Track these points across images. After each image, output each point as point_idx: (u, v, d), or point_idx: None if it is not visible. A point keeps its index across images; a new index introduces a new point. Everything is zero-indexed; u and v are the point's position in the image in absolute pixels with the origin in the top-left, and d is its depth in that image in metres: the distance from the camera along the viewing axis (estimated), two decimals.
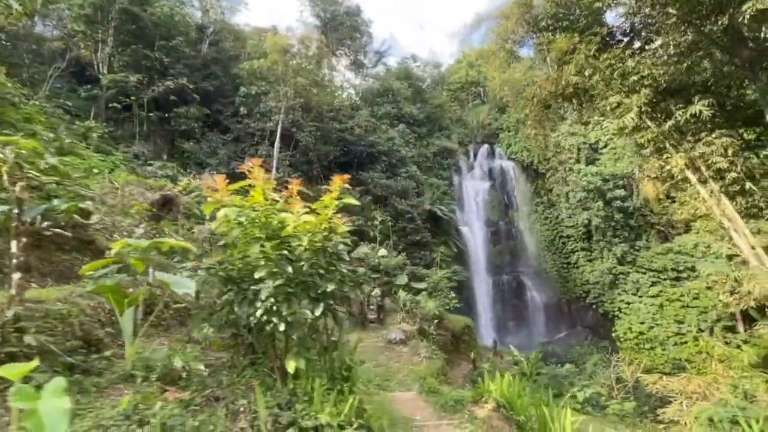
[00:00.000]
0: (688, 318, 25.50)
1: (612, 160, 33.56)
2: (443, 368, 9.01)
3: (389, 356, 9.67)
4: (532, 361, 12.16)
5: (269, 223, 3.76)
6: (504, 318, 36.81)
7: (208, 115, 24.97)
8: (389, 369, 8.62)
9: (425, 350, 9.47)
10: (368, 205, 24.96)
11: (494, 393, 4.85)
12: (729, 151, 9.43)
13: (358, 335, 11.43)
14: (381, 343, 10.72)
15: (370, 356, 9.83)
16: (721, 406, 6.35)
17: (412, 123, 40.30)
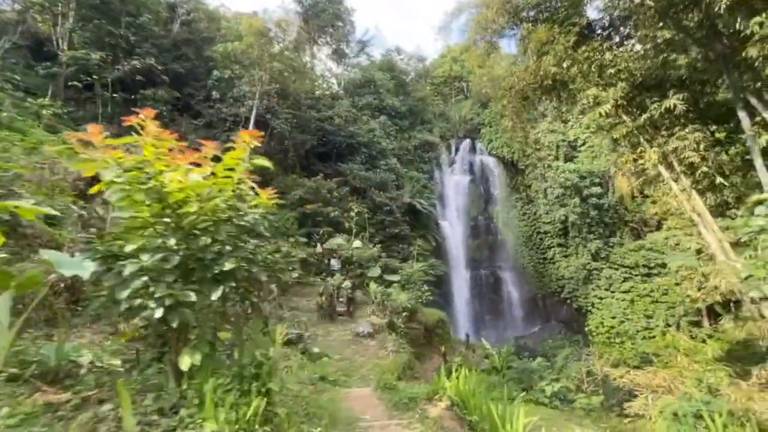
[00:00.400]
0: (656, 313, 26.16)
1: (589, 158, 34.03)
2: (410, 362, 8.72)
3: (355, 350, 9.30)
4: (503, 355, 12.01)
5: (155, 186, 3.15)
6: (481, 312, 37.07)
7: (179, 99, 23.83)
8: (353, 363, 8.25)
9: (393, 344, 9.15)
10: (345, 195, 24.43)
11: (449, 390, 4.52)
12: (701, 146, 9.38)
13: (326, 328, 11.03)
14: (349, 336, 10.34)
15: (336, 350, 9.43)
16: (685, 400, 6.24)
17: (394, 115, 39.79)
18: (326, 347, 9.31)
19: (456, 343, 17.52)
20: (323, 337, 10.23)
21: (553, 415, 7.09)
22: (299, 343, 9.55)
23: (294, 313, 12.15)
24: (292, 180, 24.16)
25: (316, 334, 10.50)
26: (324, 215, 22.19)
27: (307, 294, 13.93)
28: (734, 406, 6.26)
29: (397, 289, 13.41)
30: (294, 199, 22.95)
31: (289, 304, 12.85)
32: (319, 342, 9.81)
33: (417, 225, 34.00)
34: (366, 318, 11.23)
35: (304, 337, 9.88)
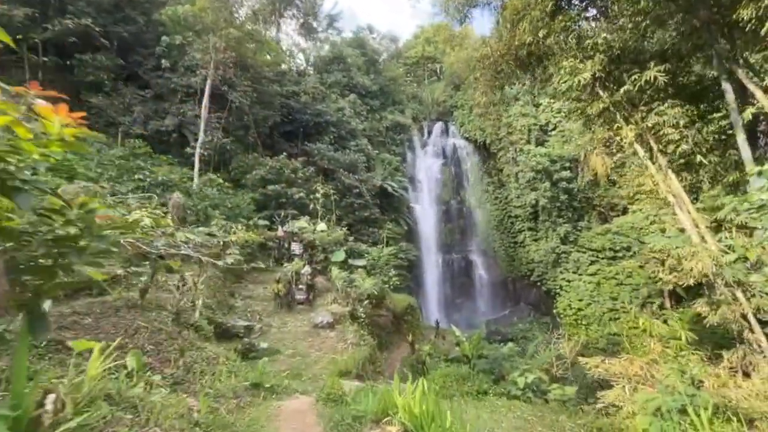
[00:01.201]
0: (621, 295, 26.70)
1: (560, 143, 34.03)
2: (371, 356, 7.86)
3: (311, 343, 8.33)
4: (473, 342, 11.39)
5: None
6: (452, 296, 37.10)
7: (124, 67, 21.44)
8: (306, 360, 7.29)
9: (353, 335, 8.24)
10: (311, 176, 23.08)
11: (401, 412, 3.58)
12: (681, 122, 8.82)
13: (282, 318, 9.99)
14: (306, 328, 9.34)
15: (289, 343, 8.42)
16: (668, 393, 5.67)
17: (365, 94, 38.29)
18: (278, 341, 8.30)
19: (426, 329, 16.92)
20: (277, 329, 9.20)
21: (526, 411, 6.43)
22: (247, 336, 8.47)
23: (247, 302, 11.01)
24: (253, 159, 22.52)
25: (269, 326, 9.44)
26: (288, 197, 20.83)
27: (265, 281, 12.76)
28: (716, 399, 5.79)
29: (362, 274, 12.48)
30: (255, 180, 21.41)
31: (243, 292, 11.67)
32: (271, 335, 8.77)
33: (388, 208, 33.14)
34: (327, 307, 10.25)
35: (254, 329, 8.81)
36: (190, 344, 5.14)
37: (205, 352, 5.15)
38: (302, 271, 11.40)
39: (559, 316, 29.83)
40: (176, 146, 21.65)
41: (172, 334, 5.17)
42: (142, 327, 4.96)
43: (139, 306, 5.55)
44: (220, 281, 10.70)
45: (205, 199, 14.37)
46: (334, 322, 9.24)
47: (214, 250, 7.47)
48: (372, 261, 13.79)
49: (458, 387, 7.31)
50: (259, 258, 14.23)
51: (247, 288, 12.02)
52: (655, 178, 10.19)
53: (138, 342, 4.62)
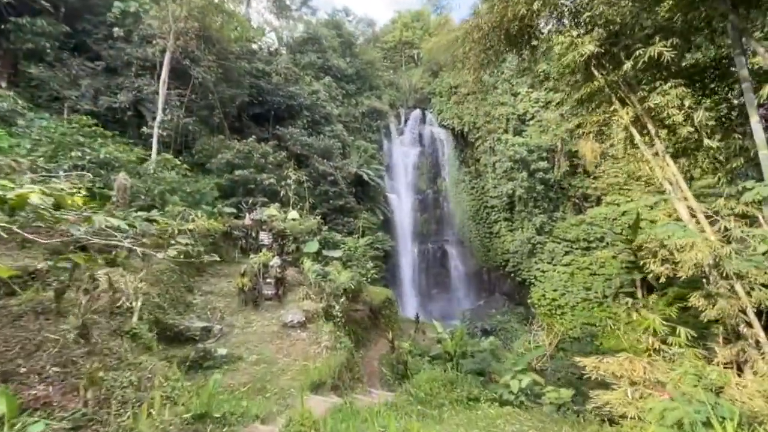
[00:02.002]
0: (595, 285, 26.96)
1: (537, 133, 33.89)
2: (349, 361, 6.87)
3: (280, 346, 7.24)
4: (456, 339, 10.64)
5: None
6: (427, 286, 36.81)
7: (70, 35, 19.05)
8: (272, 368, 6.22)
9: (328, 337, 7.22)
10: (283, 162, 21.61)
11: None
12: (686, 103, 8.19)
13: (247, 316, 8.82)
14: (274, 327, 8.23)
15: (254, 347, 7.30)
16: (685, 402, 5.01)
17: (340, 78, 36.71)
18: (241, 344, 7.17)
19: (404, 323, 16.12)
20: (241, 329, 8.04)
21: (524, 422, 5.67)
22: (204, 339, 7.28)
23: (208, 298, 9.74)
24: (218, 142, 20.78)
25: (231, 326, 8.26)
26: (257, 183, 19.34)
27: (229, 274, 11.47)
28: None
29: (337, 266, 11.43)
30: (221, 164, 19.75)
31: (204, 287, 10.37)
32: (233, 337, 7.61)
33: (364, 197, 32.07)
34: (298, 303, 9.16)
35: (212, 331, 7.61)
36: (119, 360, 3.96)
37: (138, 370, 3.96)
38: (271, 263, 10.22)
39: (533, 306, 29.98)
40: (132, 126, 19.61)
41: (95, 347, 3.98)
42: (50, 341, 3.73)
43: (53, 311, 4.28)
44: (175, 275, 9.36)
45: (161, 183, 12.79)
46: (306, 321, 8.17)
47: (161, 238, 6.22)
48: (348, 252, 12.75)
49: (447, 394, 6.47)
50: (223, 249, 12.88)
51: (208, 282, 10.71)
52: (651, 164, 9.61)
53: (38, 363, 3.40)
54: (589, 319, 25.09)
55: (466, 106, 37.57)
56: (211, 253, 11.88)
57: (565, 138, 32.42)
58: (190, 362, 5.84)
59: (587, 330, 23.75)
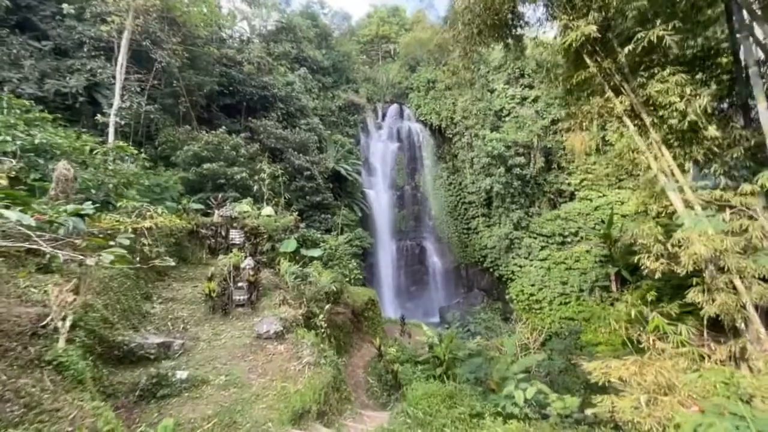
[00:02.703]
0: (571, 279, 27.22)
1: (514, 129, 33.92)
2: (336, 379, 5.98)
3: (254, 363, 6.28)
4: (445, 342, 9.98)
5: None
6: (406, 284, 36.34)
7: (11, 10, 16.98)
8: (244, 393, 5.27)
9: (310, 350, 6.30)
10: (255, 155, 20.31)
11: None
12: (686, 90, 7.80)
13: (215, 327, 7.79)
14: (247, 339, 7.24)
15: (222, 365, 6.31)
16: (717, 414, 4.49)
17: (316, 70, 35.42)
18: (207, 362, 6.16)
19: (385, 324, 15.34)
20: (208, 342, 7.00)
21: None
22: (162, 358, 6.22)
23: (169, 307, 8.59)
24: (184, 132, 19.24)
25: (196, 339, 7.20)
26: (227, 177, 18.01)
27: (195, 278, 10.31)
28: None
29: (317, 267, 10.50)
30: (187, 157, 18.26)
31: (165, 293, 9.19)
32: (198, 353, 6.58)
33: (341, 193, 31.08)
34: (274, 310, 8.18)
35: (172, 347, 6.54)
36: (26, 408, 2.91)
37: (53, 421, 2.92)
38: (243, 264, 9.17)
39: (511, 302, 30.06)
40: (87, 114, 17.81)
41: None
42: None
43: None
44: (130, 281, 8.17)
45: (116, 175, 11.40)
46: (284, 331, 7.22)
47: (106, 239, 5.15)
48: (329, 251, 11.82)
49: (447, 411, 5.75)
50: (189, 249, 11.66)
51: (170, 288, 9.53)
52: (645, 155, 9.25)
53: None
54: (566, 313, 25.29)
55: (443, 102, 37.18)
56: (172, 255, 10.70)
57: (541, 134, 32.64)
58: (141, 391, 4.82)
59: (568, 325, 23.86)
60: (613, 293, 24.41)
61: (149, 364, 5.92)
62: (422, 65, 40.24)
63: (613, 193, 30.28)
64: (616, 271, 24.41)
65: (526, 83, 36.16)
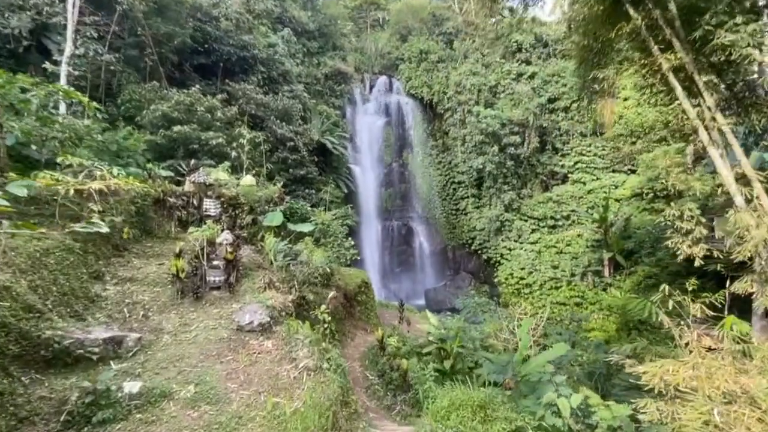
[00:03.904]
0: (562, 264, 26.67)
1: (509, 106, 32.56)
2: (344, 390, 4.57)
3: (233, 365, 4.79)
4: (454, 333, 8.74)
5: None
6: (391, 265, 35.31)
7: None
8: (221, 413, 3.80)
9: (308, 350, 4.81)
10: (233, 119, 18.21)
11: None
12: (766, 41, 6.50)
13: (184, 315, 6.23)
14: (224, 332, 5.72)
15: (191, 369, 4.78)
16: None
17: (301, 33, 32.75)
18: (171, 363, 4.63)
19: (379, 309, 14.02)
20: (173, 336, 5.46)
21: None
22: (110, 359, 4.64)
23: (126, 289, 6.93)
24: (151, 89, 16.90)
25: (159, 331, 5.63)
26: (201, 142, 15.97)
27: (161, 254, 8.62)
28: None
29: (308, 244, 8.96)
30: (155, 117, 16.04)
31: (122, 272, 7.48)
32: (159, 351, 5.03)
33: (326, 168, 29.21)
34: (258, 294, 6.66)
35: (124, 343, 4.96)
36: None
37: None
38: (219, 239, 7.54)
39: (500, 285, 29.45)
40: (35, 63, 15.24)
41: None
42: None
43: None
44: (74, 256, 6.45)
45: (64, 129, 9.38)
46: (272, 322, 5.73)
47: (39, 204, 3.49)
48: (321, 226, 10.28)
49: (482, 427, 4.46)
50: (154, 221, 9.86)
51: (129, 265, 7.81)
52: (694, 123, 8.01)
53: None
54: (557, 297, 24.79)
55: (436, 74, 35.30)
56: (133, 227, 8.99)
57: (537, 113, 31.44)
58: (69, 415, 3.32)
59: (560, 311, 23.30)
60: (605, 278, 23.97)
61: (90, 369, 4.34)
62: (414, 35, 37.99)
63: (607, 176, 29.65)
64: (611, 256, 23.91)
65: (523, 58, 34.66)
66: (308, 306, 6.75)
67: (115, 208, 8.05)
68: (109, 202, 7.90)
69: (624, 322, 18.30)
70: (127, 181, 8.11)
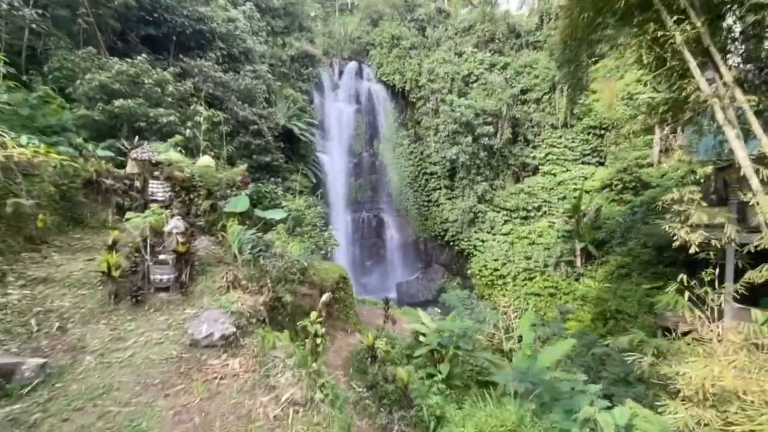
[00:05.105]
0: (535, 254, 26.61)
1: (482, 96, 32.10)
2: None
3: (183, 399, 3.40)
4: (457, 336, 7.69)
5: None
6: (361, 258, 34.11)
7: None
8: None
9: (292, 375, 3.43)
10: (187, 95, 16.12)
11: None
12: None
13: (118, 326, 4.67)
14: (174, 349, 4.25)
15: (121, 404, 3.31)
16: None
17: (265, 9, 30.42)
18: (94, 398, 3.19)
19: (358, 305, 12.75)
20: (101, 357, 3.95)
21: None
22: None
23: (38, 292, 5.24)
24: (86, 56, 14.50)
25: (80, 351, 4.10)
26: (150, 120, 13.87)
27: (93, 248, 6.90)
28: None
29: (281, 233, 7.52)
30: (91, 89, 13.73)
31: (33, 270, 5.73)
32: (78, 379, 3.53)
33: (293, 156, 27.33)
34: (219, 296, 5.21)
35: (20, 373, 3.41)
36: None
37: None
38: (167, 227, 5.97)
39: (473, 277, 29.09)
40: None
41: None
42: None
43: None
44: None
45: None
46: (240, 333, 4.34)
47: None
48: (295, 213, 8.81)
49: None
50: (86, 207, 8.02)
51: (46, 262, 6.06)
52: (709, 101, 7.35)
53: None
54: (532, 288, 24.66)
55: (408, 61, 34.13)
56: (56, 214, 7.24)
57: (510, 103, 31.17)
58: None
59: (535, 302, 23.14)
60: (578, 268, 24.07)
61: None
62: (386, 20, 36.56)
63: (576, 168, 29.93)
64: (583, 246, 24.01)
65: (496, 48, 34.27)
66: (285, 309, 5.40)
67: (25, 189, 6.23)
68: (16, 180, 6.08)
69: (600, 311, 18.23)
70: (39, 151, 6.29)
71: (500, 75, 32.61)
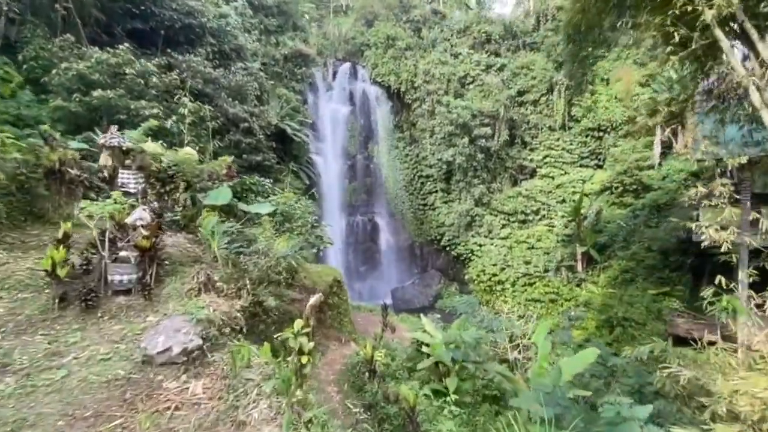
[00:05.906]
0: (534, 259, 25.90)
1: (479, 97, 31.58)
2: None
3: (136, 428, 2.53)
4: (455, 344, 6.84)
5: None
6: (355, 263, 33.18)
7: None
8: None
9: (268, 404, 2.59)
10: (172, 88, 15.22)
11: None
12: None
13: (59, 338, 3.73)
14: (121, 366, 3.33)
15: None
16: None
17: (258, 7, 29.69)
18: (4, 428, 2.38)
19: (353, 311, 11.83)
20: (25, 378, 3.08)
21: None
22: None
23: None
24: (64, 46, 13.57)
25: (2, 369, 3.20)
26: (131, 112, 12.94)
27: (45, 244, 5.94)
28: None
29: (266, 228, 6.64)
30: (68, 79, 12.79)
31: None
32: None
33: (285, 156, 26.40)
34: (187, 301, 4.32)
35: None
36: None
37: None
38: (130, 219, 5.06)
39: (471, 282, 28.26)
40: None
41: None
42: None
43: None
44: None
45: None
46: (208, 347, 3.46)
47: None
48: (284, 207, 7.90)
49: None
50: (48, 199, 7.09)
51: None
52: (743, 83, 6.65)
53: None
54: (532, 294, 23.86)
55: (404, 62, 33.51)
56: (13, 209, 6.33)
57: (507, 104, 30.64)
58: None
59: (535, 309, 22.31)
60: (579, 273, 23.37)
61: None
62: (381, 20, 36.02)
63: (575, 171, 29.41)
64: (584, 251, 23.34)
65: (492, 50, 33.86)
66: (268, 317, 4.52)
67: None
68: None
69: (606, 318, 17.46)
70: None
71: (497, 76, 32.16)
